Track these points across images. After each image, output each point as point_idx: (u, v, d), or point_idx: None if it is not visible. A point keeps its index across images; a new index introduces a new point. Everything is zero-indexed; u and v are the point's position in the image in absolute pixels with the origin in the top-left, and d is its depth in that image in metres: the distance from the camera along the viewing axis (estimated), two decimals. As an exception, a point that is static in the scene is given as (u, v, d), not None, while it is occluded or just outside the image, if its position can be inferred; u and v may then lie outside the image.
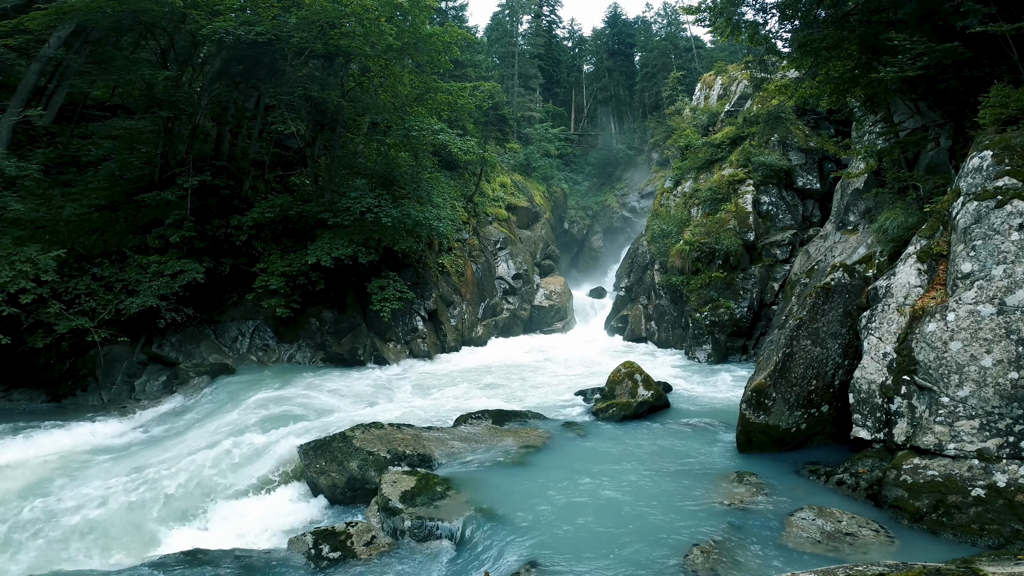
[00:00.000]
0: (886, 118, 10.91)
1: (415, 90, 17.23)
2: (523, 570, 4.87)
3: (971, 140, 7.87)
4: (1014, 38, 7.50)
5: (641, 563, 4.95)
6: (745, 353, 16.66)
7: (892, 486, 5.91)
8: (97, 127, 15.58)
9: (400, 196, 16.02)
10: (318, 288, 14.57)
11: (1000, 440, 5.52)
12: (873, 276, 8.21)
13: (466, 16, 40.02)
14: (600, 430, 9.09)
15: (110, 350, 12.23)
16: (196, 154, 14.77)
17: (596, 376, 13.19)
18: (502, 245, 24.75)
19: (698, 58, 43.38)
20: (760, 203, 18.17)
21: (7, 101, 12.36)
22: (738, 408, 7.83)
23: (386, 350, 15.68)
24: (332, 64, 16.48)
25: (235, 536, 6.47)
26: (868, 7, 9.43)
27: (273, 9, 13.88)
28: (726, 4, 11.24)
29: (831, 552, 5.07)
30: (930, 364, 6.08)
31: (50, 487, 7.43)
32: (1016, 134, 6.56)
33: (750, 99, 22.22)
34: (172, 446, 8.90)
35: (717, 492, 6.38)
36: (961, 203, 6.60)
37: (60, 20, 11.93)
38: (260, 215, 14.53)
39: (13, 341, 10.49)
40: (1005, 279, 5.81)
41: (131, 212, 13.60)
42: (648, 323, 20.92)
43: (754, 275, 17.19)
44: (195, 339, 13.72)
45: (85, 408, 11.47)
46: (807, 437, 7.54)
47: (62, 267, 11.49)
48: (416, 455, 7.51)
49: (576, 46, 55.89)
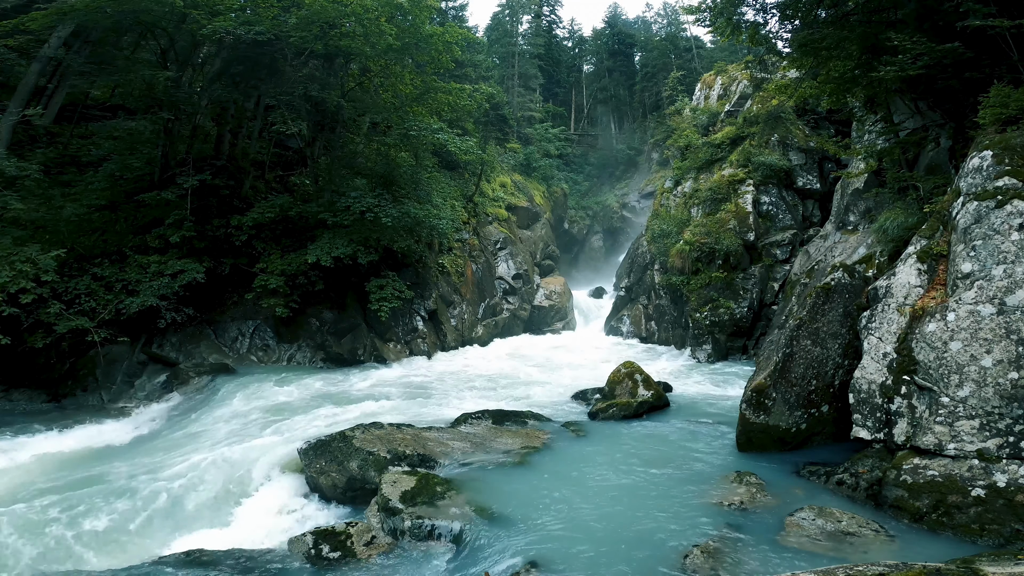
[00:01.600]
0: (886, 118, 10.91)
1: (415, 90, 17.23)
2: (523, 570, 4.87)
3: (971, 140, 7.86)
4: (1014, 37, 7.49)
5: (641, 563, 4.95)
6: (745, 353, 16.66)
7: (892, 486, 5.91)
8: (97, 127, 15.59)
9: (400, 196, 16.01)
10: (318, 288, 14.56)
11: (1000, 440, 5.52)
12: (873, 276, 8.21)
13: (466, 16, 40.02)
14: (600, 430, 9.09)
15: (110, 350, 12.23)
16: (196, 154, 14.77)
17: (596, 376, 13.18)
18: (502, 245, 24.74)
19: (698, 58, 43.38)
20: (760, 203, 18.17)
21: (7, 101, 12.37)
22: (738, 408, 7.83)
23: (386, 350, 15.68)
24: (332, 64, 16.48)
25: (235, 536, 6.46)
26: (868, 7, 9.42)
27: (273, 9, 13.88)
28: (726, 4, 11.25)
29: (831, 552, 5.07)
30: (930, 364, 6.08)
31: (50, 487, 7.42)
32: (1016, 134, 6.56)
33: (750, 99, 22.22)
34: (172, 446, 8.91)
35: (717, 492, 6.38)
36: (961, 203, 6.60)
37: (60, 20, 11.94)
38: (260, 215, 14.53)
39: (13, 341, 10.49)
40: (1005, 279, 5.81)
41: (131, 212, 13.60)
42: (648, 323, 20.92)
43: (754, 275, 17.19)
44: (195, 339, 13.72)
45: (85, 408, 11.48)
46: (807, 437, 7.54)
47: (62, 267, 11.49)
48: (416, 455, 7.50)
49: (576, 46, 55.91)
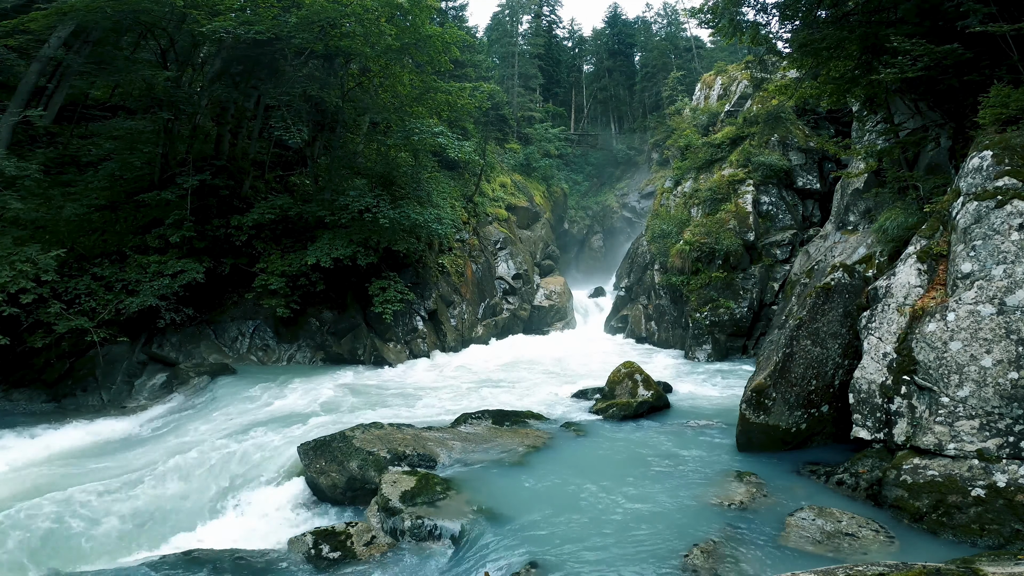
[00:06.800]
0: (886, 118, 10.91)
1: (415, 90, 17.23)
2: (523, 570, 4.87)
3: (971, 140, 7.86)
4: (1014, 38, 7.50)
5: (641, 563, 4.95)
6: (745, 353, 16.67)
7: (892, 486, 5.91)
8: (97, 127, 15.57)
9: (400, 196, 16.01)
10: (318, 288, 14.57)
11: (1000, 440, 5.52)
12: (873, 276, 8.22)
13: (466, 16, 40.02)
14: (600, 430, 9.08)
15: (110, 350, 12.23)
16: (196, 154, 14.77)
17: (596, 376, 13.18)
18: (502, 245, 24.74)
19: (698, 58, 43.40)
20: (760, 203, 18.17)
21: (7, 101, 12.35)
22: (738, 408, 7.83)
23: (386, 350, 15.68)
24: (332, 64, 16.48)
25: (235, 536, 6.46)
26: (868, 7, 9.43)
27: (273, 9, 13.87)
28: (727, 5, 11.26)
29: (831, 552, 5.07)
30: (930, 364, 6.08)
31: (50, 488, 7.42)
32: (1016, 134, 6.56)
33: (750, 99, 22.22)
34: (172, 447, 8.90)
35: (717, 492, 6.38)
36: (961, 203, 6.60)
37: (60, 20, 11.92)
38: (260, 215, 14.53)
39: (13, 341, 10.49)
40: (1005, 279, 5.81)
41: (131, 212, 13.60)
42: (648, 323, 20.92)
43: (754, 275, 17.19)
44: (195, 339, 13.72)
45: (85, 408, 11.47)
46: (807, 437, 7.54)
47: (62, 267, 11.49)
48: (416, 455, 7.50)
49: (576, 46, 55.91)
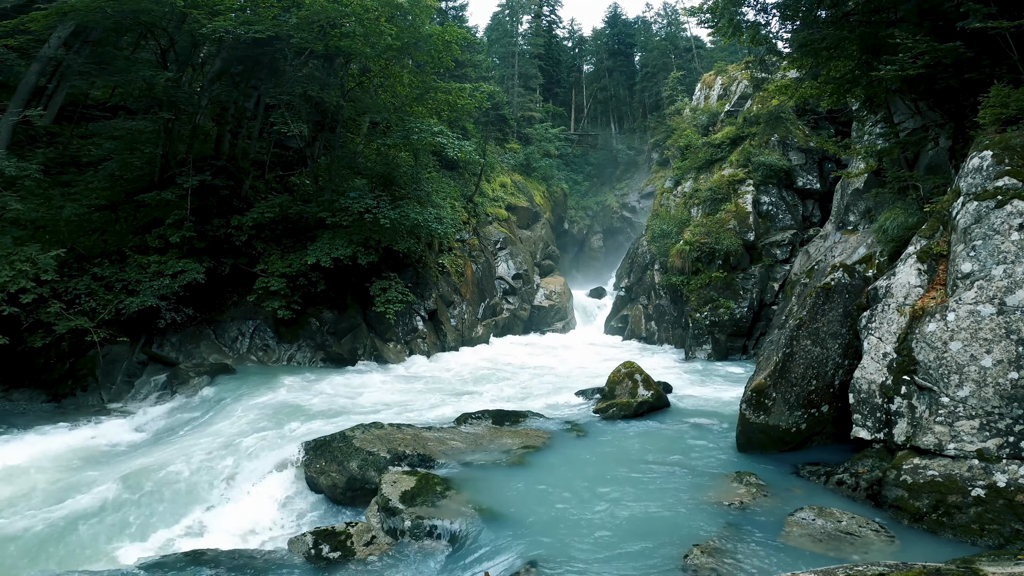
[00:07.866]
0: (886, 118, 10.91)
1: (415, 90, 17.23)
2: (523, 570, 4.87)
3: (971, 140, 7.86)
4: (1014, 37, 7.49)
5: (641, 563, 4.95)
6: (745, 353, 16.68)
7: (892, 486, 5.91)
8: (97, 127, 15.57)
9: (400, 196, 16.01)
10: (319, 289, 14.56)
11: (1000, 440, 5.52)
12: (873, 276, 8.21)
13: (466, 16, 40.03)
14: (600, 430, 9.08)
15: (110, 350, 12.23)
16: (196, 154, 14.76)
17: (596, 376, 13.18)
18: (502, 245, 24.74)
19: (698, 58, 43.38)
20: (760, 203, 18.18)
21: (7, 101, 12.35)
22: (738, 408, 7.83)
23: (386, 350, 15.68)
24: (332, 64, 16.47)
25: (235, 536, 6.46)
26: (868, 7, 9.43)
27: (273, 9, 13.87)
28: (727, 5, 11.26)
29: (831, 552, 5.07)
30: (930, 364, 6.08)
31: (50, 488, 7.42)
32: (1016, 134, 6.55)
33: (750, 99, 22.23)
34: (171, 447, 8.89)
35: (717, 492, 6.38)
36: (961, 203, 6.60)
37: (60, 20, 11.92)
38: (260, 215, 14.53)
39: (13, 341, 10.47)
40: (1005, 279, 5.81)
41: (131, 212, 13.59)
42: (648, 323, 20.93)
43: (754, 275, 17.20)
44: (195, 339, 13.71)
45: (85, 408, 11.47)
46: (807, 437, 7.54)
47: (62, 267, 11.48)
48: (416, 455, 7.50)
49: (576, 46, 55.90)
